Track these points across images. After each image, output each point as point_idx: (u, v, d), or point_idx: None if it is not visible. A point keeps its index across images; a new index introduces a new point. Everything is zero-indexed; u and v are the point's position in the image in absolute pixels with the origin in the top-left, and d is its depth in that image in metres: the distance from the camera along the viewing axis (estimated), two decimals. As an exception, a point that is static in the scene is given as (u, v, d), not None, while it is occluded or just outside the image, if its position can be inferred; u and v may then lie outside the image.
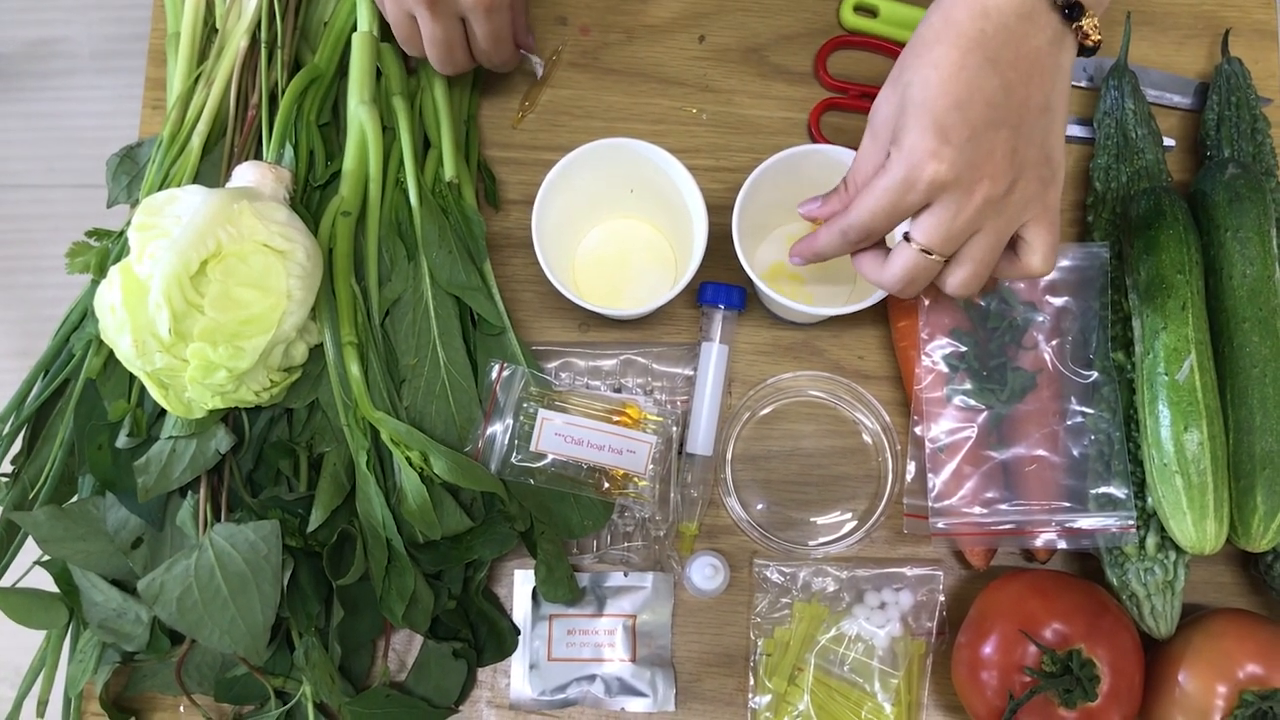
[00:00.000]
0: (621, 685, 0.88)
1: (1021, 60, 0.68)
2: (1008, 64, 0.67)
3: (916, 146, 0.67)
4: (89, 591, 0.83)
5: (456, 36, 0.85)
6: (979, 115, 0.67)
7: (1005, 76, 0.67)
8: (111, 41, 1.97)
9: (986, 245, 0.71)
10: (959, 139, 0.67)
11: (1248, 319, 0.82)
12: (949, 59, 0.67)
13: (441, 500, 0.82)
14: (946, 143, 0.67)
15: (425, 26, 0.84)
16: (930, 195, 0.68)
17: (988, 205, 0.69)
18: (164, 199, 0.79)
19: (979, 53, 0.67)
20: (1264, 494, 0.79)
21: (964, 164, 0.67)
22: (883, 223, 0.71)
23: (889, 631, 0.87)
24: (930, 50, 0.68)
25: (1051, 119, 0.70)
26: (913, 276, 0.72)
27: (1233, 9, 1.00)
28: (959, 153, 0.67)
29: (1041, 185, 0.71)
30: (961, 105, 0.67)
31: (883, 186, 0.69)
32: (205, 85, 0.91)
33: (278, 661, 0.84)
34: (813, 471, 0.92)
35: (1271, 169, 0.91)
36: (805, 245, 0.77)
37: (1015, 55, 0.68)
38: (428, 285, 0.87)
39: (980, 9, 0.67)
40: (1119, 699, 0.79)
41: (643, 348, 0.93)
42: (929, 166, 0.67)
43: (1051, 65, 0.69)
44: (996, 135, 0.68)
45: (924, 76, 0.68)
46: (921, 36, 0.69)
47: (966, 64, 0.67)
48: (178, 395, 0.79)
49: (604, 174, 0.87)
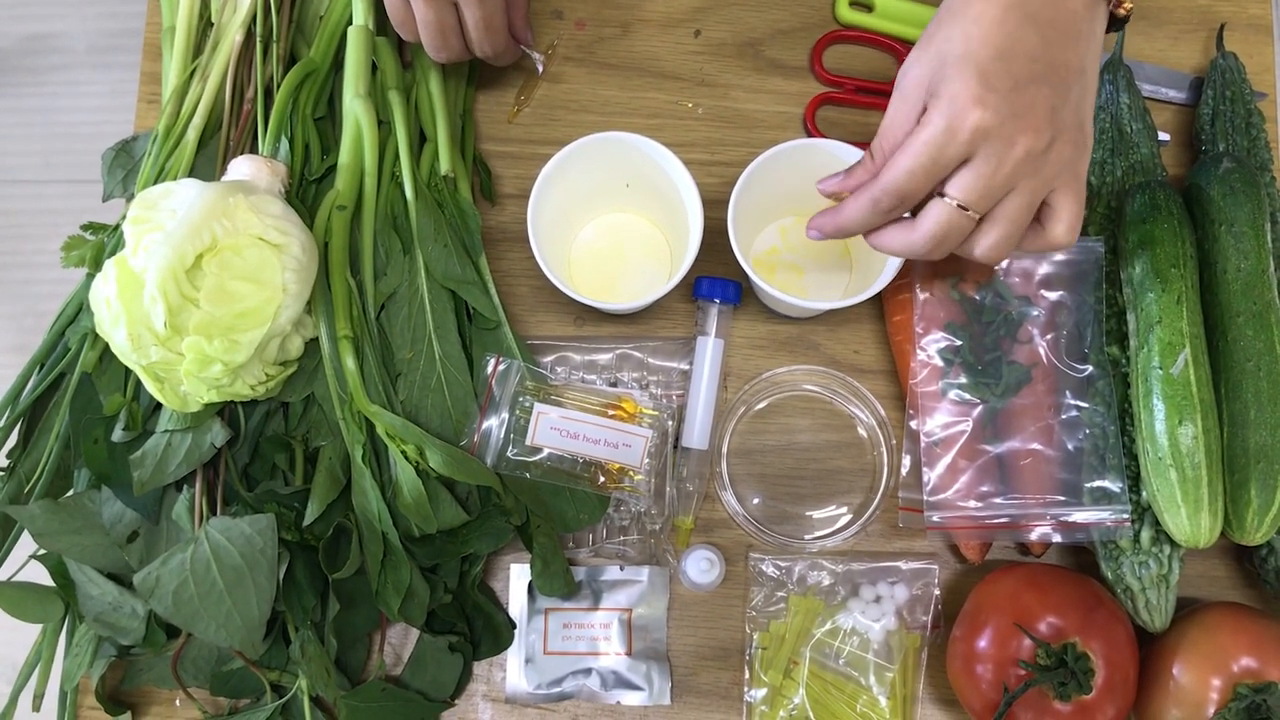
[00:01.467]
0: (617, 679, 0.88)
1: (1059, 21, 0.68)
2: (1046, 23, 0.67)
3: (959, 94, 0.67)
4: (85, 585, 0.83)
5: (450, 22, 0.85)
6: (1021, 68, 0.67)
7: (1045, 34, 0.67)
8: (107, 36, 1.97)
9: (1020, 205, 0.70)
10: (1003, 88, 0.66)
11: (1242, 313, 0.82)
12: (989, 14, 0.67)
13: (437, 494, 0.82)
14: (990, 89, 0.66)
15: (418, 10, 0.84)
16: (973, 145, 0.67)
17: (1028, 160, 0.68)
18: (159, 193, 0.79)
19: (1019, 10, 0.67)
20: (1258, 488, 0.79)
21: (1007, 112, 0.67)
22: (921, 181, 0.69)
23: (884, 625, 0.87)
24: (970, 8, 0.68)
25: (1085, 84, 0.70)
26: (945, 233, 0.70)
27: (1228, 4, 1.00)
28: (1003, 100, 0.66)
29: (1075, 150, 0.70)
30: (1005, 56, 0.67)
31: (922, 140, 0.68)
32: (200, 79, 0.91)
33: (273, 655, 0.84)
34: (808, 466, 0.92)
35: (1266, 163, 0.91)
36: (828, 219, 0.75)
37: (1054, 15, 0.68)
38: (423, 279, 0.87)
39: None
40: (1113, 692, 0.79)
41: (638, 342, 0.93)
42: (973, 113, 0.66)
43: (1087, 30, 0.70)
44: (1039, 90, 0.67)
45: (964, 30, 0.68)
46: (954, 1, 0.69)
47: (1008, 19, 0.67)
48: (173, 389, 0.79)
49: (600, 168, 0.87)
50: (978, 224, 0.71)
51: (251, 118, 0.90)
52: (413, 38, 0.87)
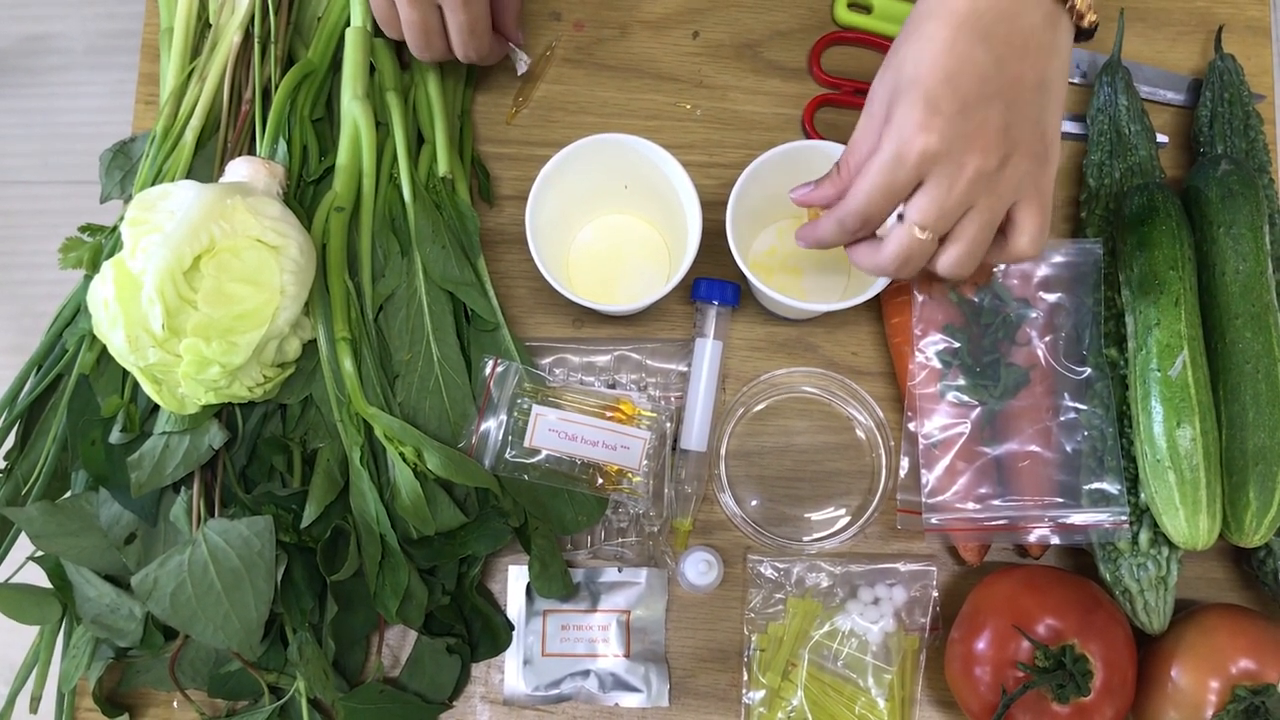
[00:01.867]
0: (615, 681, 0.88)
1: (1015, 36, 0.68)
2: (1000, 40, 0.67)
3: (906, 120, 0.68)
4: (82, 587, 0.83)
5: (434, 24, 0.85)
6: (970, 89, 0.67)
7: (998, 52, 0.67)
8: (105, 37, 1.97)
9: (979, 223, 0.71)
10: (949, 111, 0.67)
11: (1240, 315, 0.82)
12: (940, 35, 0.67)
13: (435, 496, 0.82)
14: (936, 113, 0.67)
15: (402, 10, 0.84)
16: (921, 169, 0.68)
17: (980, 179, 0.68)
18: (157, 194, 0.79)
19: (971, 28, 0.67)
20: (1256, 489, 0.79)
21: (954, 135, 0.67)
22: (879, 204, 0.70)
23: (883, 627, 0.87)
24: (922, 26, 0.68)
25: (1047, 97, 0.70)
26: (907, 256, 0.72)
27: (1226, 5, 1.00)
28: (949, 124, 0.67)
29: (1035, 163, 0.70)
30: (952, 78, 0.67)
31: (875, 167, 0.69)
32: (199, 80, 0.91)
33: (271, 657, 0.84)
34: (806, 467, 0.92)
35: (1264, 165, 0.91)
36: (808, 231, 0.77)
37: (1008, 31, 0.68)
38: (421, 281, 0.87)
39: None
40: (1112, 694, 0.79)
41: (637, 343, 0.93)
42: (919, 139, 0.67)
43: (1047, 43, 0.69)
44: (989, 109, 0.68)
45: (916, 52, 0.68)
46: (915, 15, 0.70)
47: (958, 39, 0.67)
48: (171, 391, 0.79)
49: (598, 169, 0.86)
50: (940, 242, 0.72)
51: (249, 119, 0.90)
52: (397, 36, 0.87)
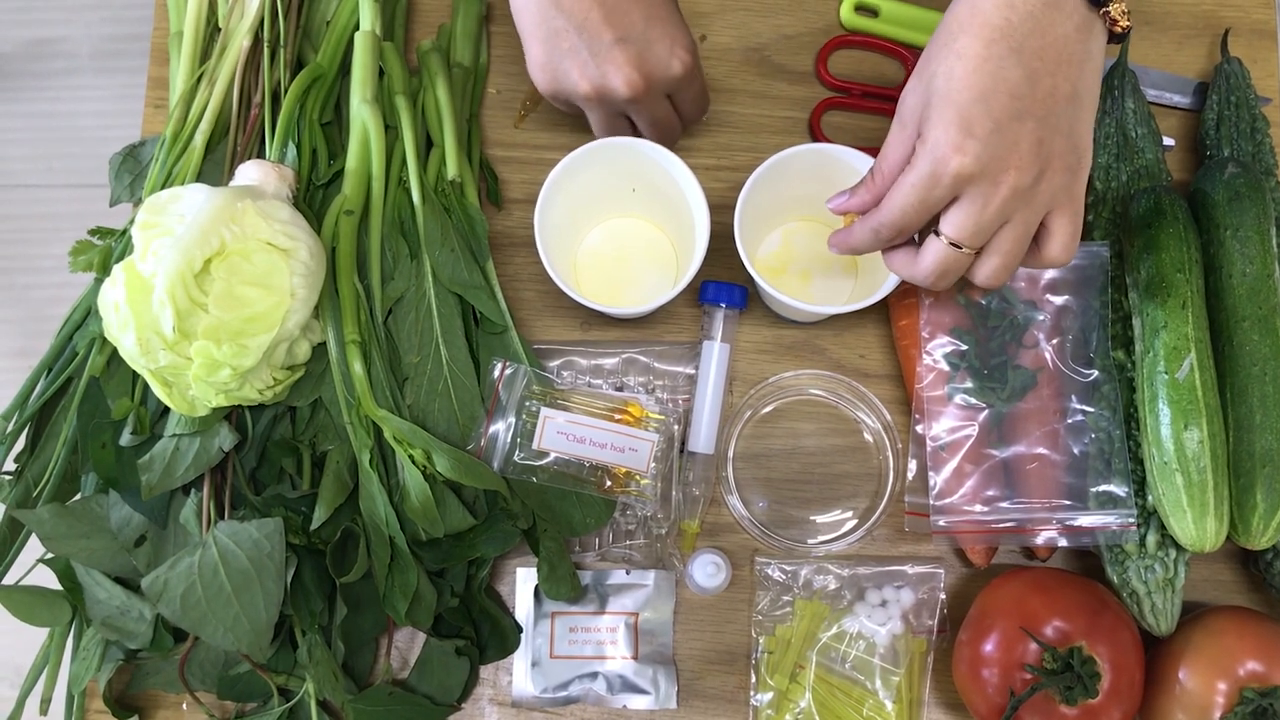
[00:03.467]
0: (623, 683, 0.88)
1: (1048, 49, 0.68)
2: (1033, 53, 0.67)
3: (940, 141, 0.68)
4: (92, 589, 0.83)
5: (623, 127, 0.88)
6: (1003, 107, 0.67)
7: (1030, 66, 0.67)
8: (111, 41, 1.97)
9: (1015, 236, 0.71)
10: (983, 132, 0.67)
11: (1247, 317, 0.82)
12: (973, 50, 0.67)
13: (444, 498, 0.82)
14: (970, 136, 0.67)
15: (595, 125, 0.87)
16: (956, 189, 0.69)
17: (1015, 197, 0.69)
18: (167, 197, 0.79)
19: (1004, 43, 0.67)
20: (1264, 492, 0.79)
21: (989, 157, 0.67)
22: (913, 219, 0.71)
23: (890, 629, 0.87)
24: (955, 40, 0.68)
25: (1079, 107, 0.70)
26: (944, 269, 0.72)
27: (1232, 9, 1.00)
28: (983, 146, 0.67)
29: (1069, 174, 0.71)
30: (986, 97, 0.67)
31: (910, 183, 0.70)
32: (208, 84, 0.91)
33: (281, 659, 0.84)
34: (814, 470, 0.92)
35: (1271, 168, 0.91)
36: (841, 238, 0.78)
37: (1041, 44, 0.68)
38: (430, 284, 0.87)
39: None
40: (1120, 696, 0.79)
41: (644, 346, 0.93)
42: (953, 160, 0.67)
43: (1080, 53, 0.69)
44: (1022, 127, 0.68)
45: (948, 68, 0.68)
46: (947, 27, 0.70)
47: (991, 55, 0.67)
48: (181, 393, 0.79)
49: (606, 173, 0.87)
50: (976, 255, 0.72)
51: (259, 123, 0.91)
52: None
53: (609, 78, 0.80)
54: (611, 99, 0.82)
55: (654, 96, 0.83)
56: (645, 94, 0.82)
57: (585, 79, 0.81)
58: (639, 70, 0.80)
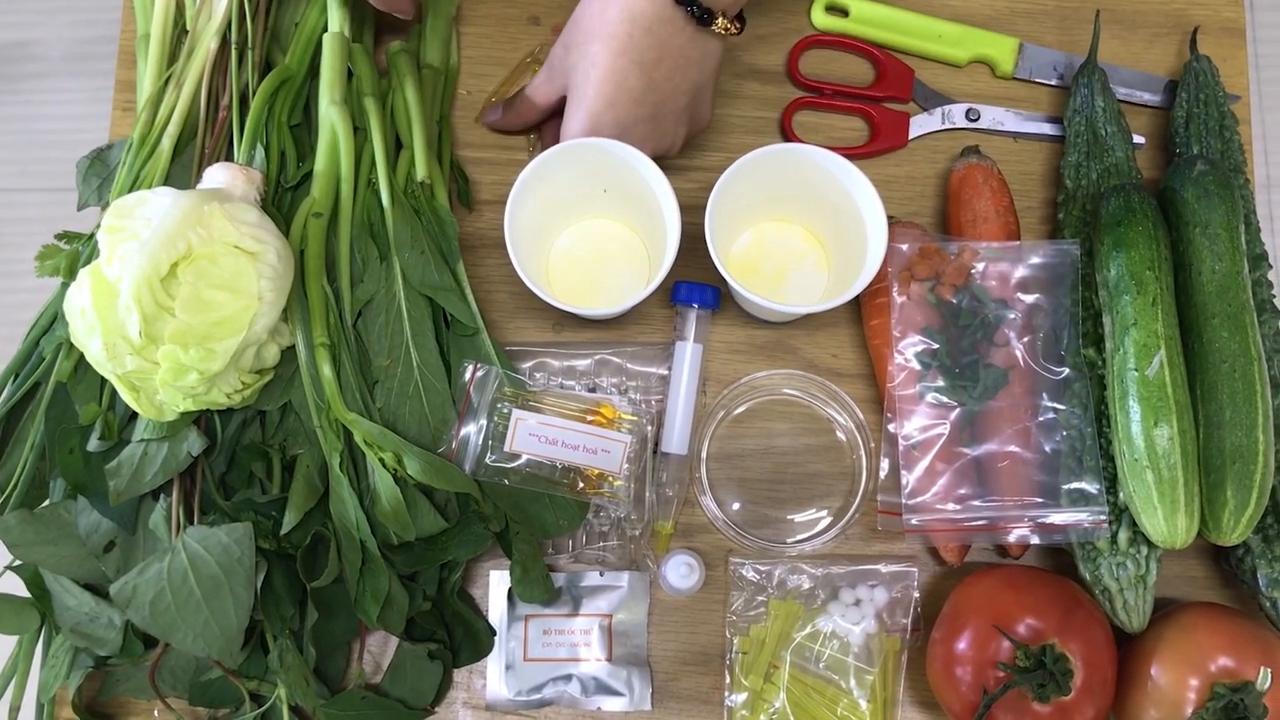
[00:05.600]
0: (598, 685, 0.88)
1: (666, 58, 0.81)
2: (652, 64, 0.81)
3: (573, 132, 0.84)
4: (61, 596, 0.83)
5: None
6: (626, 112, 0.82)
7: (650, 76, 0.81)
8: (83, 44, 1.96)
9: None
10: (609, 132, 0.83)
11: (1217, 314, 0.83)
12: (603, 59, 0.81)
13: (415, 501, 0.82)
14: (598, 133, 0.82)
15: None
16: None
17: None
18: (134, 201, 0.79)
19: (627, 55, 0.80)
20: (1234, 488, 0.79)
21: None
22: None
23: (864, 628, 0.87)
24: (590, 44, 0.81)
25: (699, 97, 0.86)
26: None
27: (1201, 7, 1.00)
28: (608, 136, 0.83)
29: (693, 129, 0.90)
30: (613, 104, 0.82)
31: (549, 142, 0.89)
32: (175, 87, 0.90)
33: (252, 664, 0.84)
34: (787, 469, 0.92)
35: (1239, 165, 0.92)
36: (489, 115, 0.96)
37: (659, 55, 0.81)
38: (400, 286, 0.87)
39: (627, 13, 0.79)
40: (1092, 693, 0.79)
41: (617, 347, 0.93)
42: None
43: (697, 56, 0.83)
44: (644, 127, 0.84)
45: (584, 69, 0.82)
46: (584, 24, 0.82)
47: (617, 66, 0.81)
48: (149, 398, 0.78)
49: (577, 174, 0.86)
50: None
51: (227, 125, 0.90)
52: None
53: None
54: None
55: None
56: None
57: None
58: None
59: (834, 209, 0.87)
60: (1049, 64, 0.98)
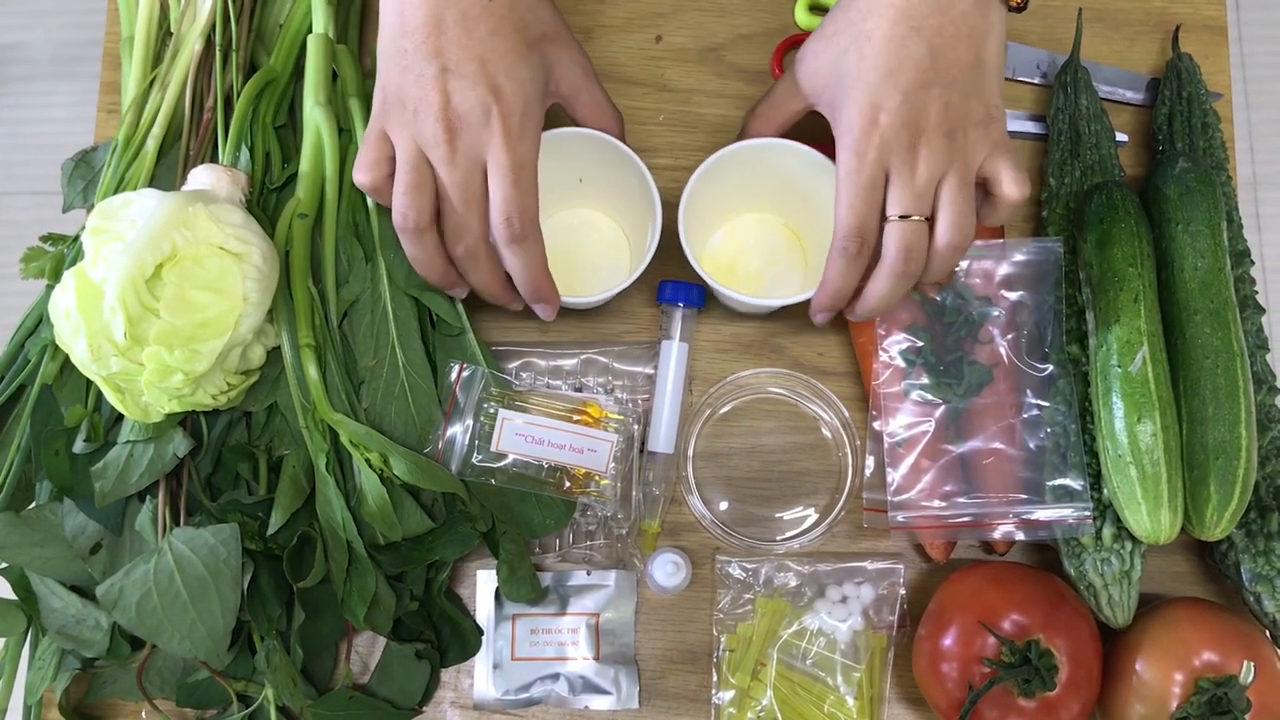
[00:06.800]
0: (585, 684, 0.88)
1: (947, 26, 0.73)
2: (933, 30, 0.73)
3: (855, 121, 0.74)
4: (47, 598, 0.83)
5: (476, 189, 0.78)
6: (909, 80, 0.73)
7: (932, 43, 0.73)
8: (70, 47, 1.96)
9: (955, 187, 0.75)
10: (892, 103, 0.73)
11: (1199, 311, 0.83)
12: (880, 31, 0.73)
13: (402, 501, 0.82)
14: (881, 109, 0.73)
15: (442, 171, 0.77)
16: (883, 162, 0.74)
17: (937, 153, 0.74)
18: (119, 203, 0.79)
19: (905, 24, 0.73)
20: (1217, 484, 0.80)
21: (900, 123, 0.73)
22: (864, 211, 0.75)
23: (851, 625, 0.87)
24: (865, 21, 0.74)
25: (984, 73, 0.76)
26: (909, 244, 0.75)
27: (1183, 5, 1.01)
28: (893, 115, 0.73)
29: (984, 127, 0.76)
30: (893, 73, 0.73)
31: (841, 178, 0.75)
32: (160, 89, 0.91)
33: (239, 665, 0.84)
34: (773, 468, 0.92)
35: (1222, 163, 0.92)
36: (822, 295, 0.80)
37: (941, 22, 0.73)
38: (385, 286, 0.87)
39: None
40: (1077, 688, 0.79)
41: (603, 347, 0.93)
42: (871, 137, 0.73)
43: (981, 26, 0.75)
44: (928, 94, 0.73)
45: (858, 47, 0.75)
46: (855, 5, 0.75)
47: (894, 35, 0.73)
48: (134, 399, 0.78)
49: (553, 164, 0.85)
50: (931, 221, 0.75)
51: (211, 127, 0.90)
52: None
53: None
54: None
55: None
56: None
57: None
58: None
59: (809, 202, 0.87)
60: (1032, 62, 0.99)
